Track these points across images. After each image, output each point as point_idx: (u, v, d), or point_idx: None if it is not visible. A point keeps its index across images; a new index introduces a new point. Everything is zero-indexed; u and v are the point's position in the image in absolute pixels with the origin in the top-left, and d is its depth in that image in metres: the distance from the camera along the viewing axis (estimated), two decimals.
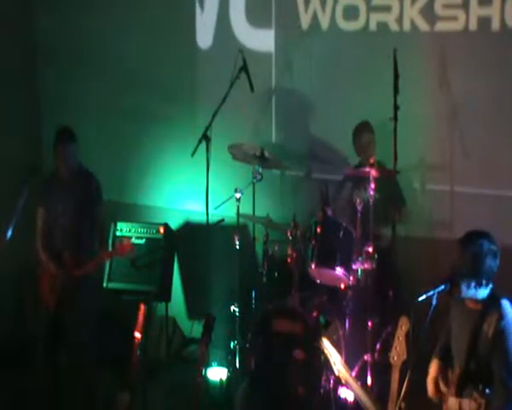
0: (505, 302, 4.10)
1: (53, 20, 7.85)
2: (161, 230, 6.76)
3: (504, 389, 3.95)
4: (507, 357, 3.97)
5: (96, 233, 6.07)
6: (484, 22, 6.07)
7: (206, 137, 5.98)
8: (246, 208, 6.38)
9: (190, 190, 7.16)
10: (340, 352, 5.11)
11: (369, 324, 5.85)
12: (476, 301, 4.13)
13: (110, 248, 6.43)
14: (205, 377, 4.95)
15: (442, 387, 4.09)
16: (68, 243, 5.96)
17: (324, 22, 6.66)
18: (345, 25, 6.60)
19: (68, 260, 5.90)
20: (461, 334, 4.18)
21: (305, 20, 6.74)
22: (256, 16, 6.94)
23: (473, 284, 4.04)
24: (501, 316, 4.03)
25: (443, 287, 4.08)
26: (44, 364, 6.04)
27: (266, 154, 6.28)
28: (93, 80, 7.70)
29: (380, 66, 6.13)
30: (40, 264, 6.03)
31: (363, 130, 6.33)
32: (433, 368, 4.20)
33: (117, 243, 6.34)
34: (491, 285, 4.13)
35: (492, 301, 4.09)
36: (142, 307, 5.25)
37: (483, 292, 4.09)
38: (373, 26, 6.48)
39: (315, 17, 6.69)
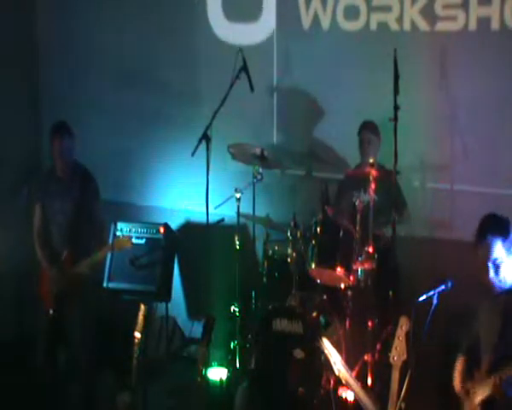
0: None
1: (53, 19, 7.86)
2: (161, 230, 6.76)
3: None
4: None
5: (94, 232, 6.06)
6: (483, 22, 6.08)
7: (206, 137, 5.98)
8: (246, 208, 6.39)
9: (190, 189, 7.16)
10: (340, 352, 5.11)
11: (369, 324, 5.85)
12: (502, 292, 4.10)
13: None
14: (205, 377, 4.95)
15: (467, 383, 4.07)
16: (66, 242, 5.97)
17: (325, 22, 6.67)
18: (345, 25, 6.60)
19: (66, 259, 5.91)
20: (490, 324, 4.14)
21: (306, 20, 6.74)
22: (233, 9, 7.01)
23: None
24: None
25: (443, 287, 4.08)
26: (45, 364, 6.04)
27: (266, 153, 6.28)
28: (93, 80, 7.72)
29: (380, 66, 6.13)
30: (39, 263, 6.05)
31: (363, 128, 6.33)
32: (460, 363, 4.19)
33: (114, 239, 6.29)
34: None
35: None
36: (142, 306, 5.25)
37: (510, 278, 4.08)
38: (373, 26, 6.49)
39: (316, 17, 6.70)
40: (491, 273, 4.03)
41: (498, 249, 4.02)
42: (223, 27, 7.14)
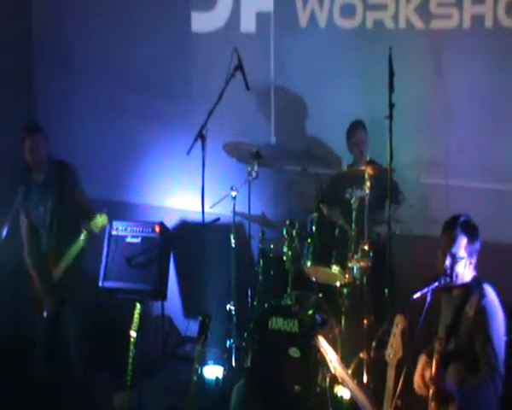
0: (487, 285, 4.16)
1: (48, 16, 7.86)
2: (157, 228, 6.73)
3: (488, 366, 3.97)
4: (488, 335, 4.00)
5: (83, 220, 5.97)
6: (477, 20, 6.10)
7: (201, 136, 5.98)
8: (241, 207, 6.39)
9: (186, 188, 7.16)
10: (335, 350, 5.12)
11: (365, 321, 5.85)
12: (461, 287, 4.15)
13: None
14: (201, 376, 4.94)
15: (427, 380, 4.08)
16: (54, 242, 5.98)
17: (322, 20, 6.68)
18: (342, 22, 6.61)
19: (50, 264, 5.92)
20: (446, 320, 4.20)
21: (303, 18, 6.75)
22: None
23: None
24: (482, 296, 4.08)
25: (437, 284, 4.09)
26: (42, 365, 6.05)
27: (261, 152, 6.29)
28: (88, 79, 7.70)
29: (376, 63, 6.14)
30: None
31: (356, 128, 6.36)
32: (421, 363, 4.21)
33: (90, 222, 6.03)
34: (474, 271, 4.16)
35: (475, 285, 4.13)
36: (138, 305, 5.26)
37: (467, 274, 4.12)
38: (369, 24, 6.50)
39: (313, 15, 6.71)
40: (447, 263, 4.08)
41: (461, 246, 4.10)
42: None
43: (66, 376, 6.01)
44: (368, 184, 5.80)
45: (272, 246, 6.33)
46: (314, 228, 5.97)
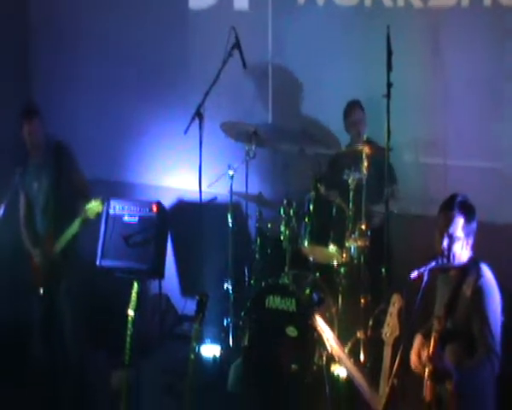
0: (484, 265, 4.16)
1: None
2: (154, 208, 6.74)
3: (485, 347, 3.99)
4: (485, 315, 4.01)
5: (79, 202, 5.96)
6: None
7: (199, 115, 5.96)
8: (239, 186, 6.38)
9: (183, 167, 7.14)
10: (332, 329, 5.13)
11: (362, 301, 5.87)
12: (458, 267, 4.16)
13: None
14: (198, 355, 4.95)
15: (423, 359, 4.10)
16: (49, 223, 5.98)
17: None
18: (340, 0, 6.59)
19: (47, 242, 5.92)
20: (442, 300, 4.21)
21: None
22: None
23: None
24: (479, 276, 4.08)
25: (434, 263, 4.09)
26: (39, 346, 6.06)
27: (259, 132, 6.27)
28: (85, 58, 7.66)
29: (374, 42, 6.11)
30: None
31: (353, 108, 6.34)
32: (417, 341, 4.22)
33: (85, 208, 5.97)
34: (471, 251, 4.17)
35: (472, 265, 4.14)
36: (136, 284, 5.25)
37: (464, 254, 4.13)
38: (368, 2, 6.48)
39: None
40: (445, 244, 4.08)
41: (459, 226, 4.09)
42: None
43: (63, 356, 6.02)
44: (365, 163, 5.79)
45: (269, 225, 6.33)
46: (311, 207, 5.96)
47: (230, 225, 6.37)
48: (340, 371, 5.61)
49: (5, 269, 6.97)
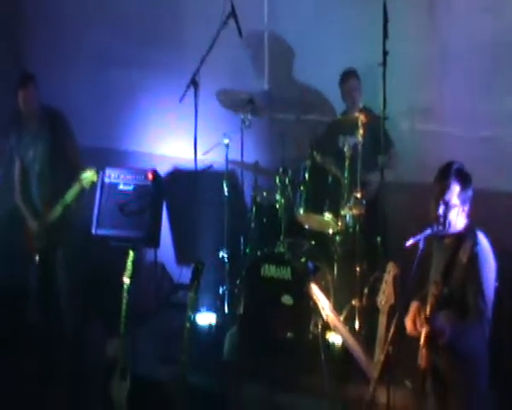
0: (479, 233, 4.17)
1: None
2: (149, 176, 6.73)
3: (477, 313, 4.02)
4: (480, 281, 4.03)
5: (73, 173, 5.95)
6: None
7: (194, 83, 5.93)
8: (234, 155, 6.36)
9: (178, 135, 7.12)
10: (328, 297, 5.13)
11: (357, 269, 5.88)
12: (454, 235, 4.17)
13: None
14: (194, 323, 4.97)
15: (419, 325, 4.12)
16: (44, 191, 5.97)
17: None
18: None
19: (45, 210, 5.92)
20: (438, 267, 4.22)
21: None
22: None
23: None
24: (475, 243, 4.09)
25: (430, 231, 4.10)
26: (35, 313, 6.08)
27: (255, 100, 6.25)
28: (79, 26, 7.59)
29: (369, 10, 6.07)
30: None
31: (348, 76, 6.32)
32: (413, 308, 4.24)
33: (80, 178, 5.96)
34: (466, 219, 4.18)
35: (468, 233, 4.15)
36: (131, 253, 5.26)
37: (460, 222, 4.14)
38: None
39: None
40: (440, 211, 4.09)
41: (454, 194, 4.10)
42: None
43: (59, 323, 6.04)
44: (361, 131, 5.77)
45: (265, 194, 6.32)
46: (307, 175, 5.95)
47: (226, 193, 6.35)
48: (335, 338, 5.63)
49: (1, 235, 6.96)
